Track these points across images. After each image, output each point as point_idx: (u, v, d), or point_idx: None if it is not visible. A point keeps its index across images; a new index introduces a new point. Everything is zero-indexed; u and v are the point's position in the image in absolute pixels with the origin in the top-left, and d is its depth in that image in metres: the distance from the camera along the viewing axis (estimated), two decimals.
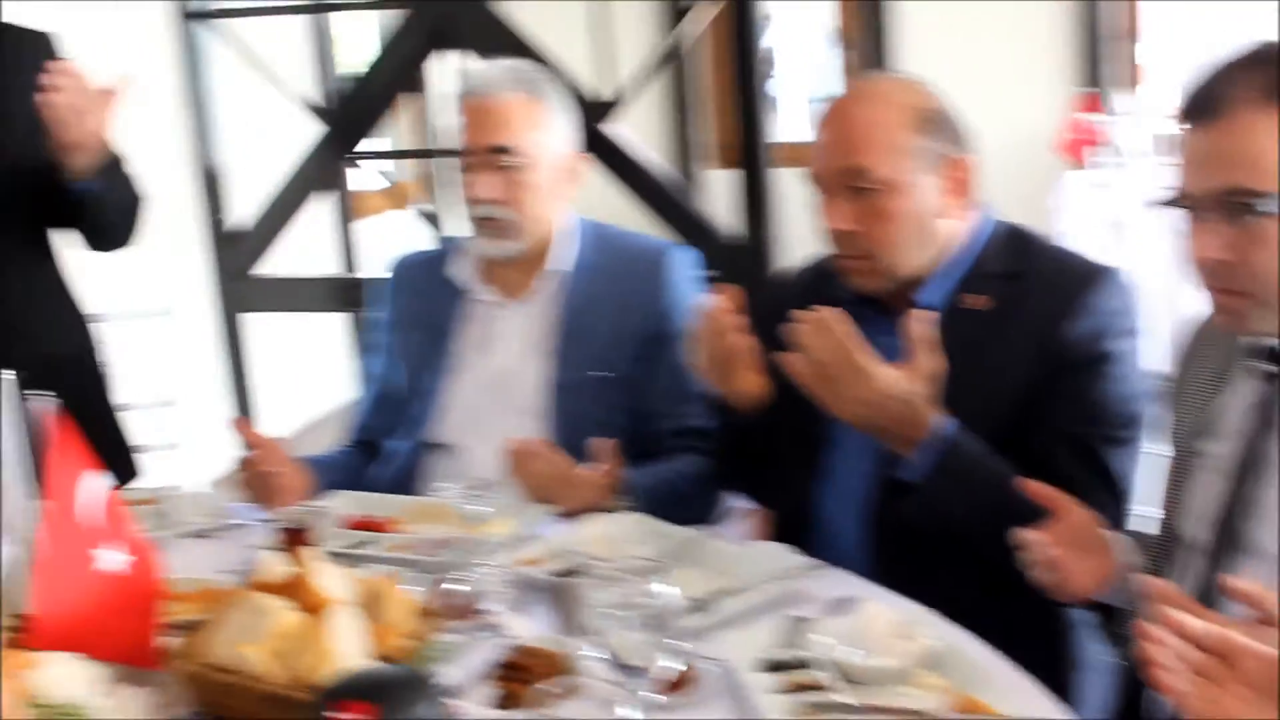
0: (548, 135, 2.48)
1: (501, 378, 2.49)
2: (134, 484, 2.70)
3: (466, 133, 2.47)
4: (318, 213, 5.08)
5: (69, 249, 2.71)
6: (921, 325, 1.94)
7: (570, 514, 2.17)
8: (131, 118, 4.62)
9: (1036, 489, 1.75)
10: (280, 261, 5.06)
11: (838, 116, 2.11)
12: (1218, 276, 1.61)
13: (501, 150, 2.44)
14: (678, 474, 2.35)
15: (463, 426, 2.47)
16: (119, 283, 2.98)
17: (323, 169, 4.95)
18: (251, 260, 5.00)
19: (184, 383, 3.57)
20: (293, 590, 1.59)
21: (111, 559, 1.61)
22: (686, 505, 2.30)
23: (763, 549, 2.03)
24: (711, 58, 6.16)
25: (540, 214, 2.48)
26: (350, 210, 5.37)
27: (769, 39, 4.42)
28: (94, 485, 1.63)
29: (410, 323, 2.59)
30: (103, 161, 2.47)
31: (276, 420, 5.31)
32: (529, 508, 2.18)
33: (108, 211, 2.56)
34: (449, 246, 2.63)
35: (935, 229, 2.09)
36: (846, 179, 2.07)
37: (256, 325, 5.09)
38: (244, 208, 5.00)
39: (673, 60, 4.94)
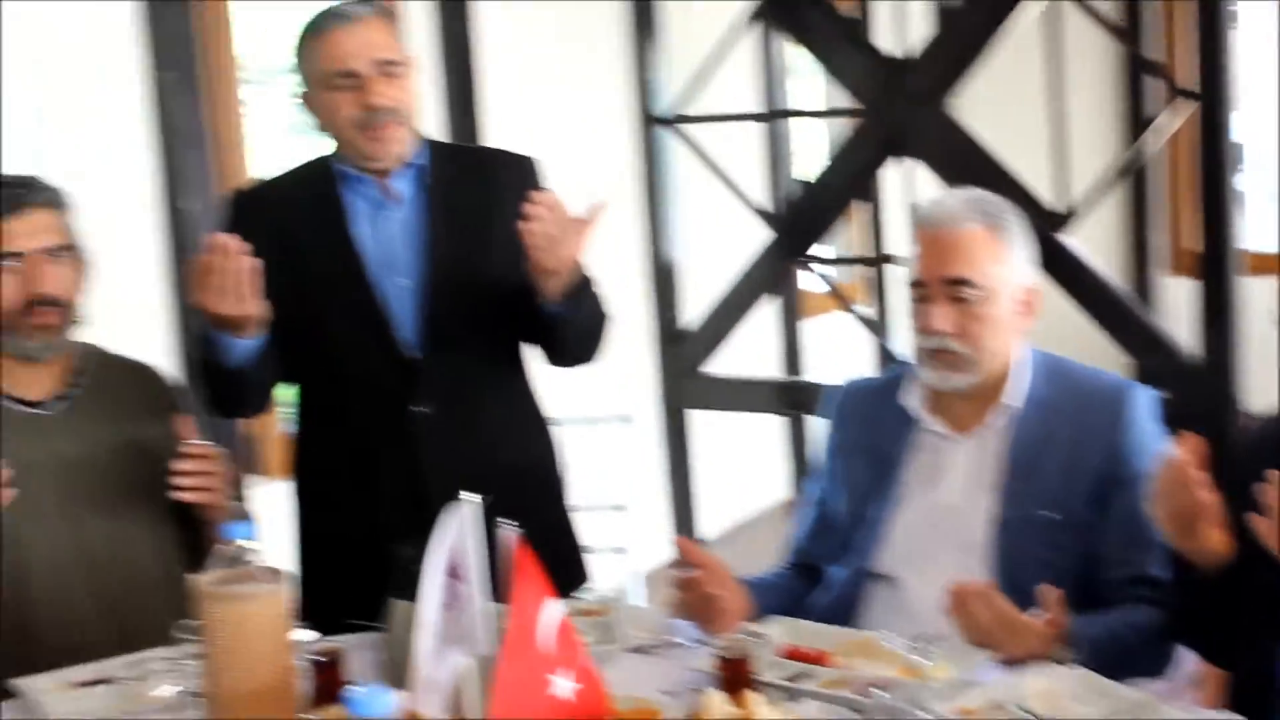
0: (1007, 268, 2.45)
1: (946, 512, 2.46)
2: (583, 589, 2.80)
3: (923, 263, 2.47)
4: (763, 313, 5.18)
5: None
6: None
7: (1011, 662, 2.12)
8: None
9: None
10: (725, 361, 5.18)
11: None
12: None
13: (960, 283, 2.43)
14: (1127, 625, 2.26)
15: (904, 558, 2.45)
16: (577, 385, 3.12)
17: (771, 271, 5.04)
18: (699, 359, 5.13)
19: (634, 485, 3.67)
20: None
21: (564, 685, 1.68)
22: (1134, 659, 2.22)
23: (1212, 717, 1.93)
24: (1170, 158, 5.96)
25: (995, 347, 2.45)
26: (796, 312, 5.43)
27: (1237, 134, 4.24)
28: (553, 613, 1.70)
29: (855, 449, 2.59)
30: (574, 285, 2.57)
31: (713, 516, 5.43)
32: (969, 652, 2.14)
33: (575, 333, 2.67)
34: (896, 374, 2.63)
35: None
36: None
37: (700, 422, 5.22)
38: (694, 307, 5.14)
39: (1133, 170, 4.81)
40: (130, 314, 3.39)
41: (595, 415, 3.72)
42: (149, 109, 3.68)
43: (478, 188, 2.75)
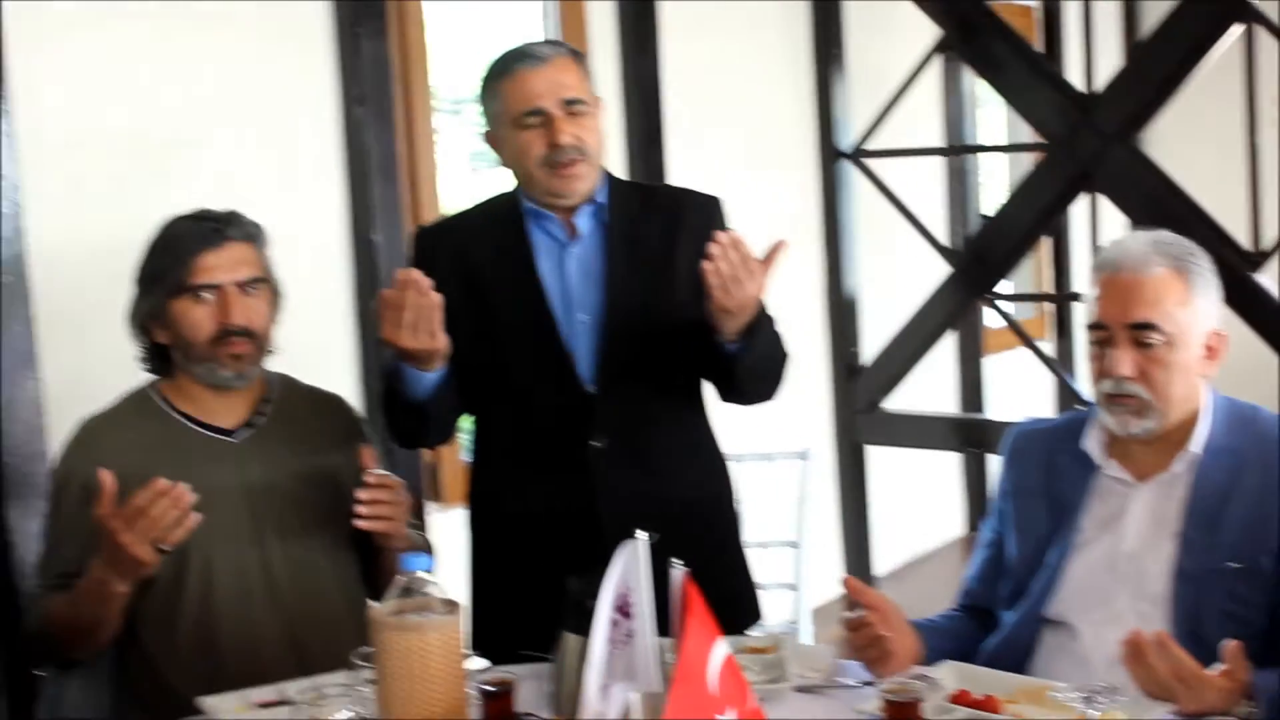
0: (1192, 313, 2.41)
1: (1126, 560, 2.41)
2: (755, 625, 2.81)
3: (1104, 306, 2.43)
4: (943, 349, 5.14)
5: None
6: None
7: (1189, 716, 2.07)
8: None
9: None
10: (904, 396, 5.15)
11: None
12: None
13: (1145, 327, 2.39)
14: None
15: (1080, 605, 2.41)
16: (753, 420, 3.13)
17: (952, 307, 5.01)
18: (877, 395, 5.12)
19: (808, 521, 3.67)
20: None
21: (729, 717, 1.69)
22: None
23: None
24: None
25: (1179, 394, 2.40)
26: (977, 348, 5.39)
27: None
28: (721, 652, 1.71)
29: (1032, 493, 2.55)
30: (752, 325, 2.58)
31: (887, 552, 5.40)
32: (1146, 705, 2.10)
33: (751, 372, 2.67)
34: (1075, 417, 2.59)
35: None
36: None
37: (877, 458, 5.20)
38: (873, 343, 5.13)
39: None
40: (319, 345, 3.49)
41: (772, 451, 3.71)
42: (342, 142, 3.79)
43: (659, 225, 2.78)
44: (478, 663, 2.52)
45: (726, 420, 2.94)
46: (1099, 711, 1.90)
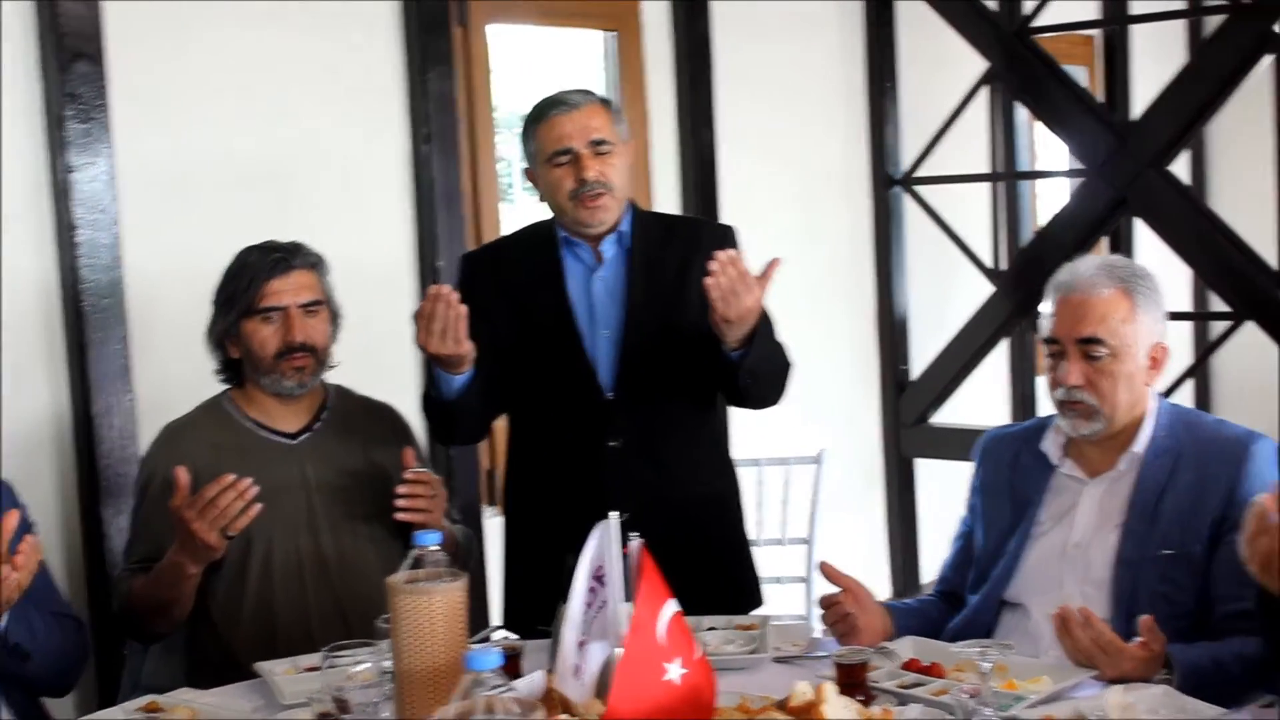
0: (1136, 329, 2.68)
1: (1074, 548, 2.69)
2: (753, 610, 3.11)
3: (1057, 323, 2.72)
4: (994, 364, 5.38)
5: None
6: None
7: (1110, 681, 2.35)
8: (826, 271, 5.17)
9: None
10: (956, 411, 5.40)
11: None
12: None
13: (1092, 342, 2.67)
14: (1231, 655, 2.45)
15: (1033, 589, 2.70)
16: (809, 430, 3.43)
17: (997, 325, 5.26)
18: (926, 408, 5.38)
19: (834, 522, 3.97)
20: (804, 714, 1.91)
21: (676, 672, 2.00)
22: (1237, 686, 2.41)
23: None
24: None
25: (1123, 400, 2.68)
26: (1029, 364, 5.62)
27: None
28: (670, 611, 2.03)
29: (996, 490, 2.85)
30: (752, 335, 2.89)
31: (935, 560, 5.64)
32: (1072, 670, 2.39)
33: (753, 378, 2.98)
34: (1037, 424, 2.88)
35: None
36: None
37: (932, 470, 5.45)
38: (923, 358, 5.40)
39: None
40: (386, 361, 3.85)
41: (788, 455, 4.02)
42: (410, 176, 4.16)
43: (677, 252, 3.11)
44: (501, 635, 2.88)
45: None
46: (989, 663, 2.18)
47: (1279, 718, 2.35)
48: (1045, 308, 2.78)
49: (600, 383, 3.05)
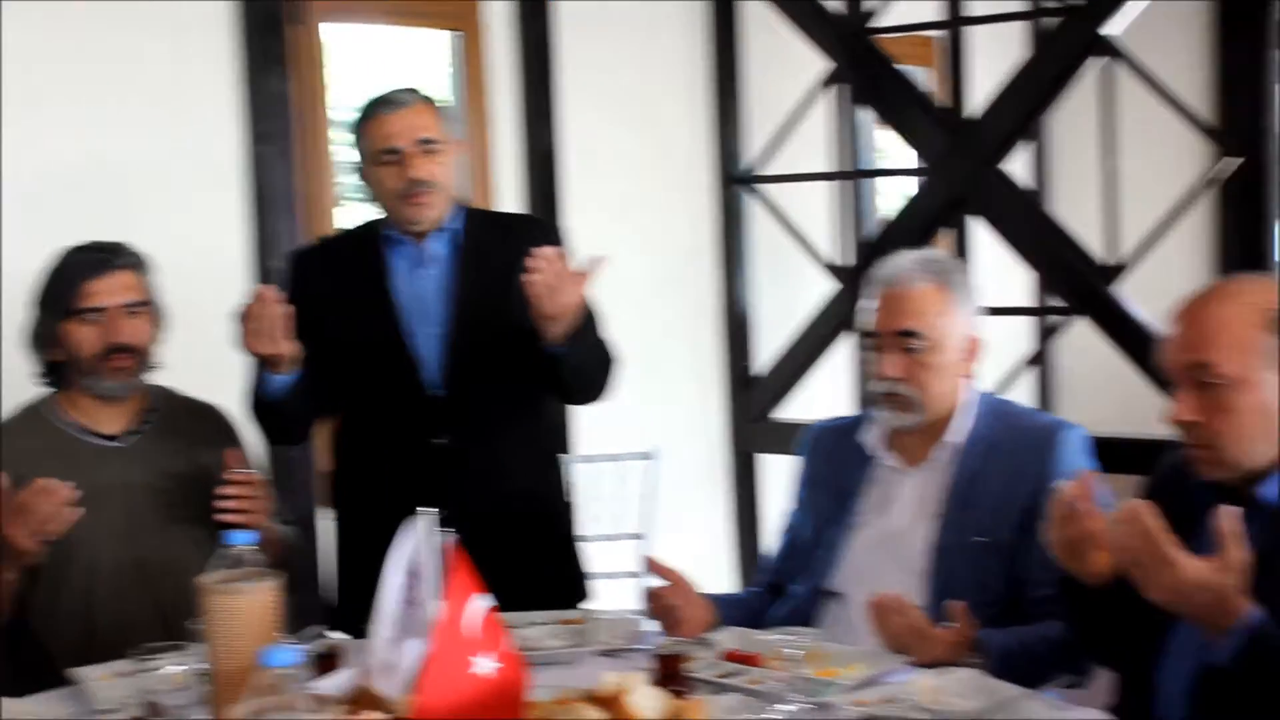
0: (951, 322, 2.74)
1: (893, 537, 2.75)
2: (583, 605, 3.12)
3: (877, 316, 2.77)
4: (840, 360, 5.44)
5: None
6: (1229, 520, 2.06)
7: (924, 666, 2.40)
8: (670, 268, 5.19)
9: None
10: (801, 407, 5.45)
11: (1190, 312, 2.26)
12: None
13: (909, 335, 2.73)
14: (1038, 637, 2.53)
15: (854, 578, 2.75)
16: (623, 424, 3.45)
17: (838, 322, 5.32)
18: (768, 404, 5.43)
19: (678, 517, 4.00)
20: (609, 704, 1.93)
21: (485, 665, 2.01)
22: (1043, 667, 2.49)
23: (1080, 716, 2.19)
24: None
25: (939, 391, 2.74)
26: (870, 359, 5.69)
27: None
28: (479, 605, 2.03)
29: (819, 481, 2.90)
30: (575, 330, 2.91)
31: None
32: (886, 657, 2.43)
33: (576, 373, 3.01)
34: (861, 416, 2.93)
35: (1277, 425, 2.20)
36: (1193, 373, 2.22)
37: (771, 466, 5.49)
38: (765, 356, 5.45)
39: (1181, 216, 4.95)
40: (220, 361, 3.79)
41: (619, 452, 4.05)
42: (246, 177, 4.12)
43: (504, 248, 3.12)
44: (337, 635, 2.87)
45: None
46: (798, 651, 2.22)
47: (1082, 695, 2.42)
48: (865, 302, 2.83)
49: (424, 380, 3.05)
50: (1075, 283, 4.89)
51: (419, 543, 2.22)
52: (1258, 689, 2.06)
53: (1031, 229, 4.95)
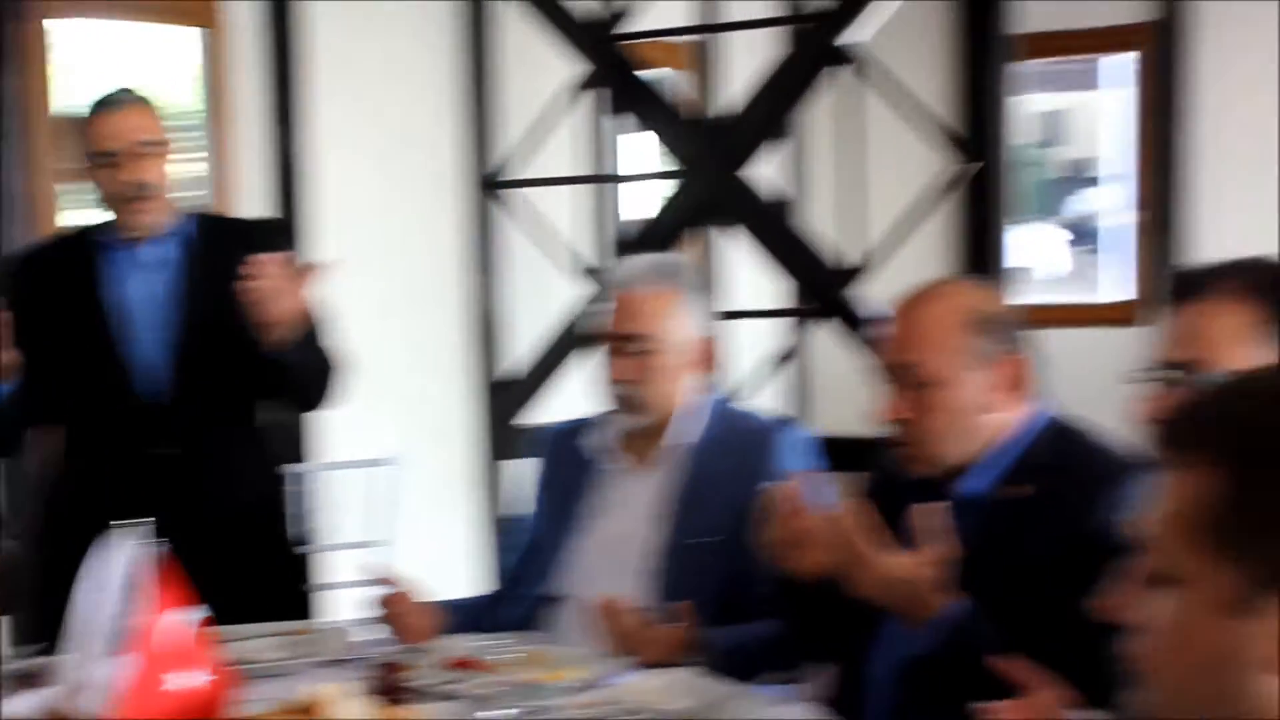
0: (679, 324, 2.75)
1: (619, 540, 2.74)
2: (305, 617, 3.06)
3: (608, 319, 2.77)
4: (590, 364, 5.44)
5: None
6: (927, 517, 2.10)
7: (648, 667, 2.40)
8: (420, 272, 5.12)
9: (1007, 669, 1.88)
10: (555, 411, 5.43)
11: (900, 314, 2.31)
12: None
13: (635, 338, 2.73)
14: (755, 636, 2.55)
15: (580, 581, 2.73)
16: (368, 430, 3.39)
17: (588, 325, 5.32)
18: (516, 409, 5.40)
19: (426, 524, 3.94)
20: (306, 713, 1.89)
21: (187, 680, 1.94)
22: (762, 664, 2.51)
23: (794, 710, 2.22)
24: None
25: (667, 393, 2.75)
26: None
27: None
28: (183, 619, 1.97)
29: (551, 485, 2.89)
30: (297, 336, 2.85)
31: None
32: (610, 659, 2.43)
33: (297, 379, 2.95)
34: (587, 419, 2.92)
35: (980, 422, 2.25)
36: (902, 372, 2.27)
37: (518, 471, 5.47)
38: (516, 359, 5.42)
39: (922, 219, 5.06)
40: None
41: (358, 459, 3.99)
42: None
43: (233, 253, 3.03)
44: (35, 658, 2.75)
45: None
46: (512, 655, 2.21)
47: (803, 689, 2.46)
48: (599, 306, 2.82)
49: (140, 388, 2.96)
50: (818, 286, 4.98)
51: (119, 556, 2.13)
52: (956, 676, 2.10)
53: (775, 233, 5.03)
